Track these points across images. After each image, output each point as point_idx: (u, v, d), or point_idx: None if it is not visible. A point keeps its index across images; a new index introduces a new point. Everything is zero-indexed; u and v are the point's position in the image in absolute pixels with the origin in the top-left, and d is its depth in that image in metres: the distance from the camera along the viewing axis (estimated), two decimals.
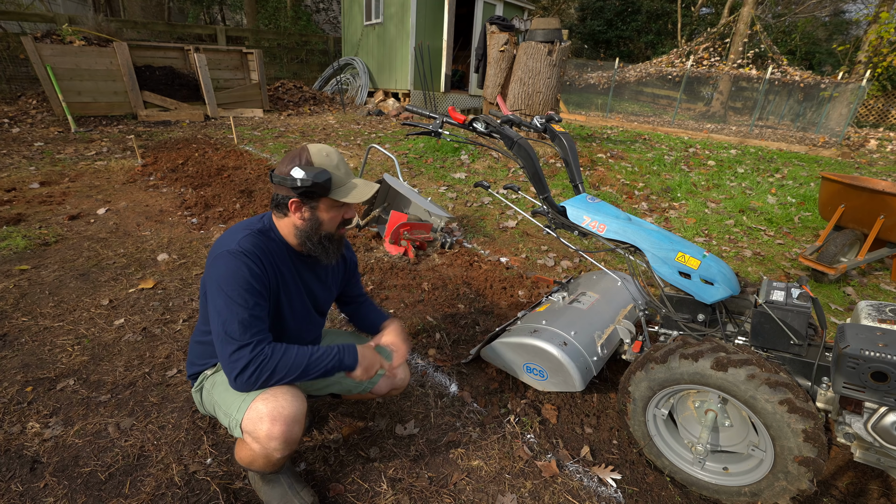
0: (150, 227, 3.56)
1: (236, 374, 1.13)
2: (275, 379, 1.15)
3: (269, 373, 1.14)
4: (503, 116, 1.77)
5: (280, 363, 1.15)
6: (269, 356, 1.15)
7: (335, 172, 1.22)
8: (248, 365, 1.12)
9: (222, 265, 1.17)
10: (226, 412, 1.25)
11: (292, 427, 1.17)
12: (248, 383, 1.14)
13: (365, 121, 8.78)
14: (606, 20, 21.42)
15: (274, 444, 1.16)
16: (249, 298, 1.16)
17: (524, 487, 1.55)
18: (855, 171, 6.86)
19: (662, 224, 4.24)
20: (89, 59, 7.40)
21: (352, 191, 1.25)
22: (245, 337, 1.13)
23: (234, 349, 1.13)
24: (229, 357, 1.13)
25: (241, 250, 1.19)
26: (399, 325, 1.58)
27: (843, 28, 22.46)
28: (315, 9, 18.27)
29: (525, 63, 5.69)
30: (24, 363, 1.99)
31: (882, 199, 2.99)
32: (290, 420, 1.16)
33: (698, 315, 1.64)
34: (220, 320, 1.14)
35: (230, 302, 1.14)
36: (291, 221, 1.27)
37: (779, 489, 1.32)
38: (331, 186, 1.21)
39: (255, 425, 1.15)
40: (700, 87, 15.23)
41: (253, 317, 1.16)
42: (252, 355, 1.13)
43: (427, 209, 3.33)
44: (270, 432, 1.14)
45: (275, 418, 1.14)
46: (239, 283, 1.16)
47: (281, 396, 1.17)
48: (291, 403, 1.17)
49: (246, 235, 1.23)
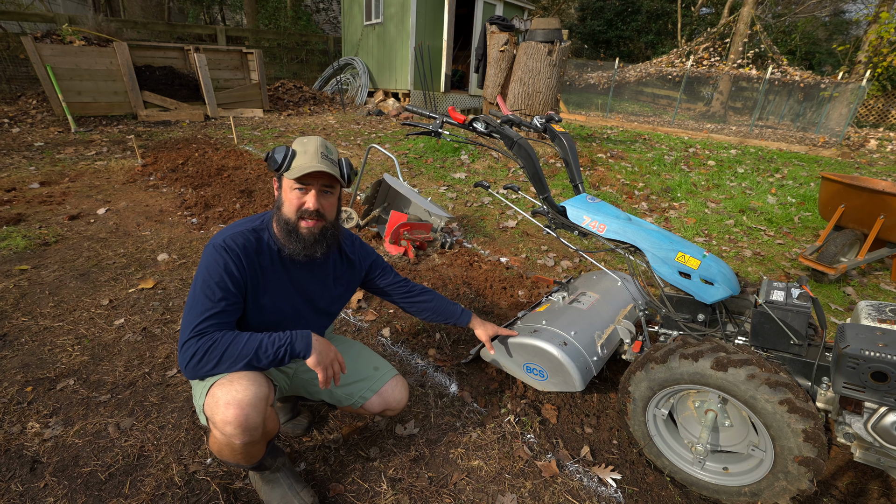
0: (150, 227, 3.56)
1: (186, 361, 1.14)
2: (224, 366, 1.15)
3: (217, 359, 1.14)
4: (503, 116, 1.77)
5: (228, 350, 1.15)
6: (217, 342, 1.15)
7: (300, 153, 1.24)
8: (196, 353, 1.13)
9: (205, 257, 1.23)
10: (196, 401, 1.27)
11: (248, 411, 1.13)
12: (195, 370, 1.14)
13: (365, 121, 8.78)
14: (606, 20, 21.41)
15: (230, 430, 1.14)
16: (217, 292, 1.19)
17: (524, 487, 1.55)
18: (855, 171, 6.86)
19: (662, 224, 4.24)
20: (89, 59, 7.40)
21: (298, 167, 1.22)
22: (200, 328, 1.15)
23: (187, 338, 1.15)
24: (182, 346, 1.15)
25: (224, 246, 1.23)
26: (479, 322, 1.80)
27: (843, 28, 22.45)
28: (315, 9, 18.27)
29: (525, 63, 5.69)
30: (24, 363, 1.99)
31: (882, 199, 2.99)
32: (244, 404, 1.13)
33: (698, 315, 1.64)
34: (187, 308, 1.19)
35: (199, 293, 1.19)
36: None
37: (779, 489, 1.32)
38: (286, 164, 1.24)
39: (213, 410, 1.15)
40: (700, 87, 15.22)
41: (215, 310, 1.18)
42: (199, 343, 1.14)
43: (427, 209, 3.33)
44: (225, 417, 1.13)
45: (228, 403, 1.13)
46: (212, 276, 1.20)
47: (237, 381, 1.15)
48: (247, 388, 1.15)
49: (236, 233, 1.26)
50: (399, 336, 2.37)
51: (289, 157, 1.23)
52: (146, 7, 12.76)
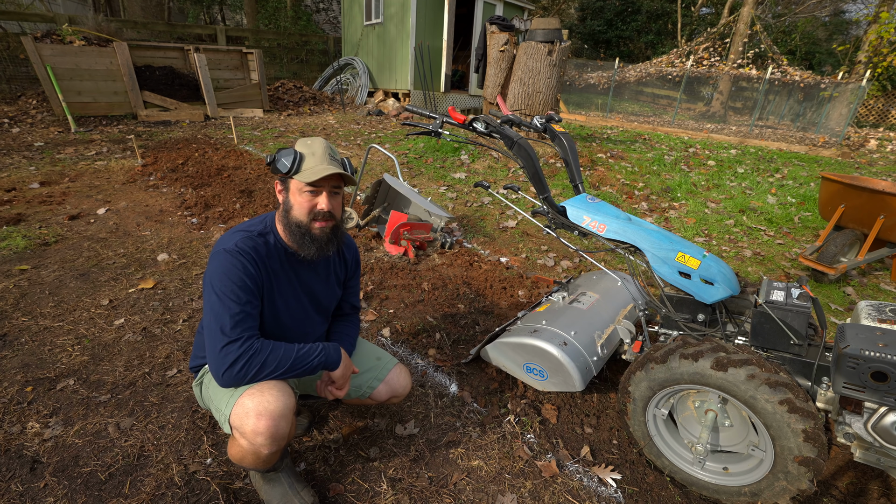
0: (150, 227, 3.56)
1: (225, 368, 1.13)
2: (263, 374, 1.16)
3: (258, 367, 1.15)
4: (503, 116, 1.77)
5: (269, 358, 1.16)
6: (258, 351, 1.16)
7: (308, 156, 1.24)
8: (238, 359, 1.13)
9: (218, 263, 1.21)
10: (217, 408, 1.27)
11: (278, 422, 1.16)
12: (236, 378, 1.14)
13: (365, 121, 8.78)
14: (606, 20, 21.41)
15: (260, 440, 1.16)
16: (242, 295, 1.18)
17: (524, 487, 1.55)
18: (855, 171, 6.86)
19: (662, 224, 4.24)
20: (89, 59, 7.40)
21: (310, 171, 1.23)
22: (235, 332, 1.15)
23: (224, 344, 1.14)
24: (219, 352, 1.14)
25: (238, 249, 1.22)
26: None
27: (843, 28, 22.46)
28: (315, 9, 18.26)
29: (525, 63, 5.69)
30: (24, 363, 1.99)
31: (882, 199, 2.99)
32: (276, 415, 1.16)
33: (698, 315, 1.64)
34: (213, 315, 1.17)
35: (223, 298, 1.17)
36: (280, 209, 1.32)
37: (779, 489, 1.32)
38: (296, 167, 1.23)
39: (242, 421, 1.16)
40: (700, 87, 15.22)
41: (244, 314, 1.18)
42: (241, 350, 1.14)
43: (427, 209, 3.33)
44: (256, 427, 1.14)
45: (260, 413, 1.14)
46: (233, 280, 1.19)
47: (267, 392, 1.17)
48: (278, 398, 1.17)
49: (244, 237, 1.26)
50: (399, 336, 2.37)
51: (297, 161, 1.23)
52: (146, 7, 12.76)
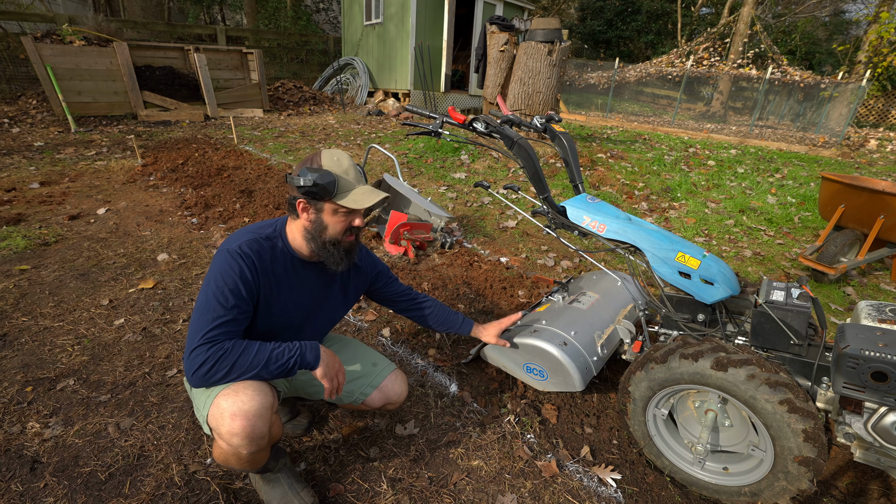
0: (150, 227, 3.56)
1: (194, 369, 1.11)
2: (233, 375, 1.14)
3: (227, 369, 1.13)
4: (503, 116, 1.76)
5: (239, 360, 1.14)
6: (228, 351, 1.13)
7: (342, 177, 1.23)
8: (206, 361, 1.11)
9: (218, 263, 1.20)
10: (196, 407, 1.25)
11: (254, 422, 1.14)
12: (205, 379, 1.12)
13: (365, 121, 8.78)
14: (606, 20, 21.41)
15: (237, 441, 1.14)
16: (231, 299, 1.17)
17: (524, 487, 1.55)
18: (855, 171, 6.86)
19: (662, 224, 4.24)
20: (89, 59, 7.40)
21: (355, 197, 1.24)
22: (210, 335, 1.13)
23: (196, 345, 1.12)
24: (191, 353, 1.12)
25: (240, 252, 1.21)
26: (481, 328, 1.78)
27: (843, 28, 22.46)
28: (315, 9, 18.26)
29: (525, 63, 5.69)
30: (24, 363, 1.99)
31: (882, 199, 2.99)
32: (251, 415, 1.13)
33: (698, 315, 1.64)
34: (198, 314, 1.16)
35: (211, 300, 1.16)
36: (301, 223, 1.28)
37: (779, 489, 1.32)
38: (335, 190, 1.21)
39: (218, 422, 1.14)
40: (700, 87, 15.23)
41: (227, 318, 1.16)
42: (210, 352, 1.11)
43: (427, 209, 3.33)
44: (231, 428, 1.12)
45: (234, 414, 1.12)
46: (226, 282, 1.17)
47: (242, 392, 1.15)
48: (252, 398, 1.14)
49: (250, 239, 1.24)
50: (399, 336, 2.37)
51: (336, 184, 1.21)
52: (146, 7, 12.76)
